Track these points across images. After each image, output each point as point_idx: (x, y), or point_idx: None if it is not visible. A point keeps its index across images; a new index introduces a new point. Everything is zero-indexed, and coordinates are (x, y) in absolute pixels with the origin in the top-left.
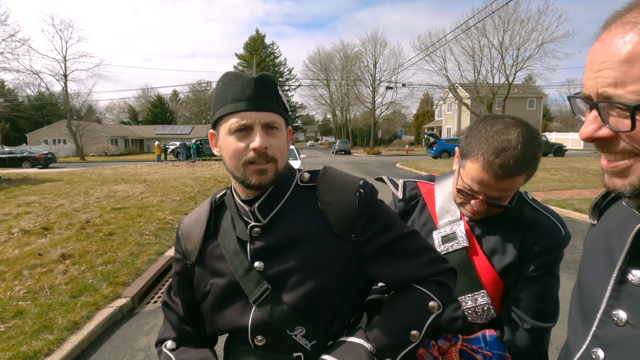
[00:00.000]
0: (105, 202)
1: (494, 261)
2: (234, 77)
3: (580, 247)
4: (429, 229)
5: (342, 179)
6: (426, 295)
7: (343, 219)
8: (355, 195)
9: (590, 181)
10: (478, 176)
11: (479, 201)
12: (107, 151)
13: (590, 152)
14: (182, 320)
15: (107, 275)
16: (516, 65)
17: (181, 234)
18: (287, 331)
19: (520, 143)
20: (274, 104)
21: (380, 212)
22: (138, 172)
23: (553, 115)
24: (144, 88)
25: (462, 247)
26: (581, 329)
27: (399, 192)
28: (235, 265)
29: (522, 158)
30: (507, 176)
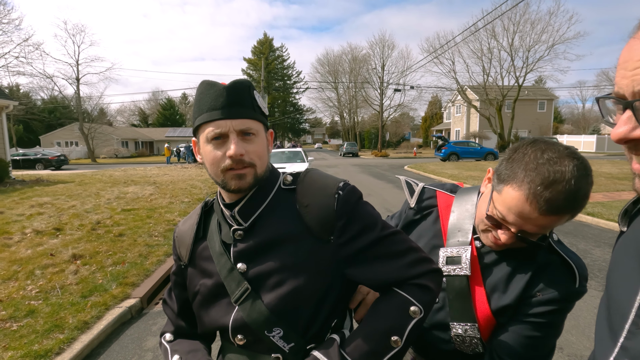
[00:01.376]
0: (116, 204)
1: (492, 298)
2: (208, 86)
3: (592, 252)
4: (435, 244)
5: (322, 181)
6: (407, 300)
7: (320, 221)
8: (334, 197)
9: (602, 184)
10: (518, 207)
11: (509, 233)
12: (118, 153)
13: (604, 155)
14: (177, 316)
15: (116, 275)
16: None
17: (176, 237)
18: (265, 332)
19: (574, 178)
20: (249, 110)
21: (360, 214)
22: (148, 174)
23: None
24: (155, 91)
25: (463, 274)
26: (608, 339)
27: (413, 200)
28: (220, 266)
29: (574, 195)
30: (553, 212)
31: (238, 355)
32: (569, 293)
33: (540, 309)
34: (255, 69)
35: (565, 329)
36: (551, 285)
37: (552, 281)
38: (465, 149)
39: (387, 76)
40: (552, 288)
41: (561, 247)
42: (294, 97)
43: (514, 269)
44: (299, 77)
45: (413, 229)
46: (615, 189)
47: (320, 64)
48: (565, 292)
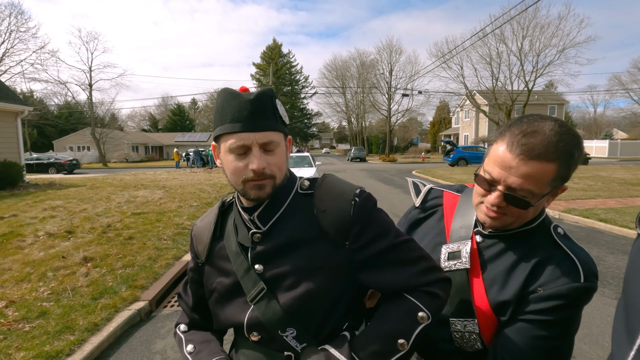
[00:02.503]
0: (126, 207)
1: (491, 293)
2: (231, 97)
3: (605, 259)
4: (438, 241)
5: (339, 187)
6: (415, 306)
7: (337, 226)
8: (351, 204)
9: (616, 190)
10: (500, 157)
11: (496, 193)
12: (128, 158)
13: (616, 160)
14: (192, 310)
15: (126, 278)
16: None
17: (194, 235)
18: (279, 331)
19: (554, 131)
20: (271, 122)
21: (375, 220)
22: (157, 178)
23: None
24: (164, 97)
25: (463, 268)
26: (626, 341)
27: (418, 199)
28: (236, 266)
29: (554, 145)
30: (531, 157)
31: (252, 351)
32: (573, 288)
33: (543, 305)
34: (264, 74)
35: (578, 337)
36: (553, 280)
37: (554, 276)
38: (473, 154)
39: (395, 81)
40: (554, 283)
41: (566, 242)
42: (302, 102)
43: (513, 263)
44: (306, 82)
45: (418, 227)
46: (628, 194)
47: (328, 70)
48: (569, 288)
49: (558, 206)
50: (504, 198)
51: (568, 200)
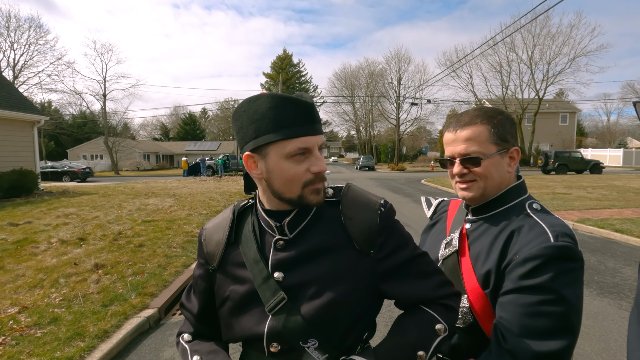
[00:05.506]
0: (137, 215)
1: (476, 267)
2: (288, 102)
3: (622, 271)
4: (441, 238)
5: (365, 197)
6: (434, 318)
7: (364, 234)
8: (377, 213)
9: (632, 200)
10: (445, 139)
11: (455, 164)
12: (140, 166)
13: (631, 169)
14: (197, 319)
15: (136, 285)
16: (547, 79)
17: (204, 239)
18: (301, 342)
19: (476, 109)
20: (321, 126)
21: (398, 232)
22: (167, 187)
23: (587, 130)
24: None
25: (453, 251)
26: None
27: (430, 211)
28: (254, 273)
29: (477, 115)
30: (462, 126)
31: None
32: (543, 247)
33: (521, 269)
34: (274, 83)
35: (595, 352)
36: (525, 245)
37: (526, 241)
38: None
39: (404, 90)
40: (526, 247)
41: (537, 213)
42: None
43: (493, 237)
44: (315, 91)
45: (429, 233)
46: None
47: (337, 79)
48: (539, 248)
49: (572, 216)
50: (461, 163)
51: (582, 210)
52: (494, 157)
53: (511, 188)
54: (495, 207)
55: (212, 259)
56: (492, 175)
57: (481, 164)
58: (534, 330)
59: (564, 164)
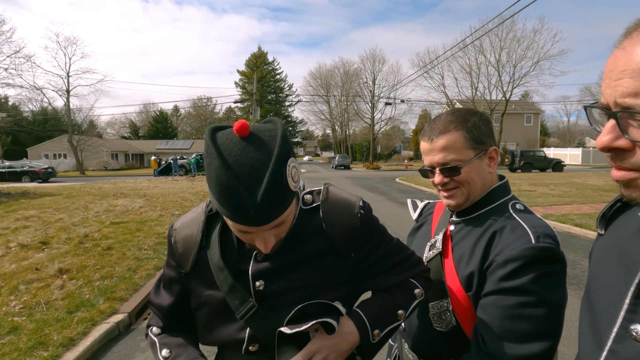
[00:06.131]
0: (104, 217)
1: (459, 269)
2: (227, 187)
3: (581, 263)
4: (426, 240)
5: (344, 200)
6: (413, 284)
7: (345, 239)
8: (358, 217)
9: (590, 196)
10: (422, 148)
11: (436, 174)
12: (107, 166)
13: (589, 167)
14: (167, 315)
15: (104, 290)
16: (513, 82)
17: (174, 242)
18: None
19: (446, 113)
20: (282, 206)
21: (376, 230)
22: (138, 187)
23: (550, 130)
24: (146, 103)
25: (437, 252)
26: (594, 344)
27: (415, 213)
28: (220, 281)
29: (449, 121)
30: (437, 135)
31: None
32: (524, 249)
33: (502, 271)
34: (248, 81)
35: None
36: (506, 246)
37: (507, 242)
38: None
39: (378, 90)
40: (508, 248)
41: (520, 213)
42: (286, 110)
43: (477, 239)
44: (290, 90)
45: (415, 235)
46: (601, 200)
47: (313, 78)
48: (520, 249)
49: (536, 212)
50: (441, 173)
51: (545, 206)
52: (473, 162)
53: (494, 189)
54: (479, 208)
55: (185, 262)
56: (474, 180)
57: (461, 171)
58: (514, 333)
59: (529, 163)
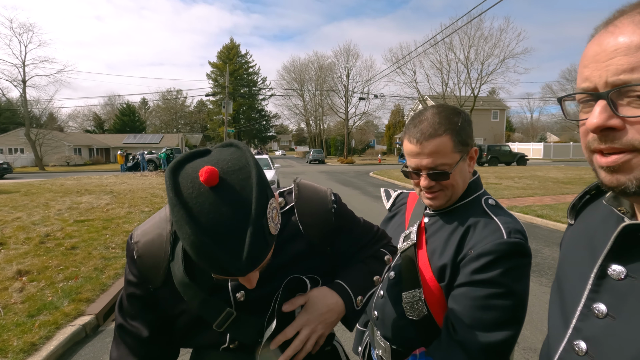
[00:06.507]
0: (68, 215)
1: (432, 261)
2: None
3: (542, 251)
4: (400, 231)
5: (317, 196)
6: (382, 252)
7: (322, 236)
8: (331, 212)
9: (550, 188)
10: (408, 150)
11: (422, 177)
12: (70, 161)
13: (550, 161)
14: (144, 343)
15: (68, 292)
16: (481, 78)
17: (137, 256)
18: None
19: (432, 113)
20: (266, 252)
21: (347, 218)
22: (104, 183)
23: (515, 126)
24: (111, 95)
25: (411, 244)
26: (561, 323)
27: (389, 203)
28: (188, 296)
29: (437, 122)
30: (426, 138)
31: (225, 358)
32: (497, 244)
33: (475, 264)
34: (221, 73)
35: None
36: (480, 241)
37: (481, 237)
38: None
39: (352, 85)
40: (481, 243)
41: (493, 209)
42: (260, 104)
43: (450, 232)
44: (264, 83)
45: (388, 224)
46: (561, 192)
47: (287, 71)
48: (493, 244)
49: (502, 204)
50: (428, 177)
51: (510, 198)
52: (459, 164)
53: (470, 184)
54: (453, 203)
55: (153, 278)
56: (458, 183)
57: (449, 176)
58: (483, 322)
59: (496, 157)
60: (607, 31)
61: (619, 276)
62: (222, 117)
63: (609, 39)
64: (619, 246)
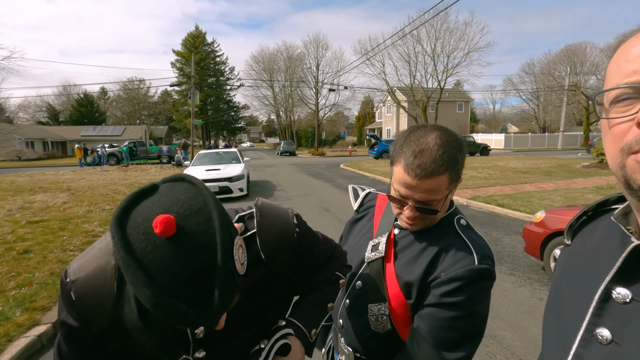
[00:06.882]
0: (19, 215)
1: (400, 277)
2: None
3: (503, 240)
4: (368, 237)
5: (279, 221)
6: (338, 276)
7: (284, 262)
8: (294, 237)
9: (510, 178)
10: (402, 179)
11: (409, 207)
12: (21, 155)
13: (510, 151)
14: None
15: (21, 300)
16: (447, 71)
17: (76, 297)
18: None
19: (437, 145)
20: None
21: (309, 239)
22: (60, 179)
23: (479, 117)
24: (66, 85)
25: (379, 257)
26: (560, 348)
27: (356, 203)
28: (141, 340)
29: (440, 158)
30: (426, 176)
31: None
32: (468, 270)
33: (445, 288)
34: (186, 62)
35: None
36: (452, 265)
37: (453, 261)
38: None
39: (322, 76)
40: (453, 267)
41: (465, 231)
42: (228, 94)
43: (421, 250)
44: (232, 73)
45: (355, 227)
46: (520, 181)
47: (255, 61)
48: (464, 270)
49: (465, 194)
50: (416, 209)
51: (474, 188)
52: (447, 197)
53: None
54: None
55: (98, 320)
56: (440, 214)
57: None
58: (445, 341)
59: None
60: None
61: (624, 300)
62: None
63: None
64: (625, 268)
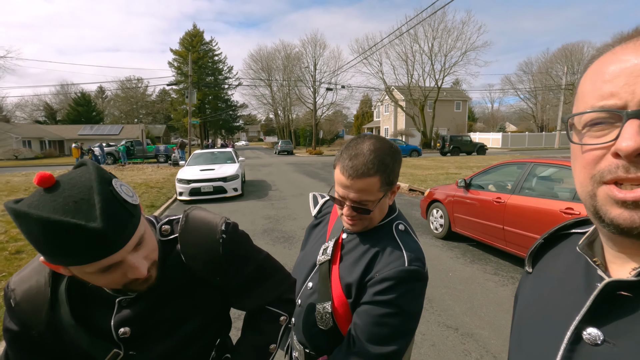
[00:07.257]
0: None
1: (342, 278)
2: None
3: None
4: (321, 242)
5: (205, 227)
6: (278, 314)
7: (208, 268)
8: (219, 242)
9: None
10: (339, 179)
11: (346, 206)
12: (18, 154)
13: (508, 150)
14: None
15: None
16: (444, 70)
17: (15, 304)
18: None
19: (370, 150)
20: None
21: (240, 250)
22: None
23: (477, 116)
24: (64, 84)
25: (327, 259)
26: None
27: (315, 210)
28: (77, 337)
29: (371, 162)
30: (358, 176)
31: None
32: (398, 271)
33: (379, 287)
34: (184, 61)
35: (462, 311)
36: (386, 266)
37: (386, 262)
38: None
39: (320, 75)
40: (386, 268)
41: (401, 235)
42: (226, 93)
43: (361, 253)
44: (230, 72)
45: (312, 232)
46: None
47: (253, 60)
48: (395, 271)
49: None
50: (352, 209)
51: None
52: (381, 201)
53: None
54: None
55: (36, 323)
56: (376, 216)
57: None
58: (377, 336)
59: (457, 147)
60: (634, 47)
61: (595, 341)
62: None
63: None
64: (595, 307)
